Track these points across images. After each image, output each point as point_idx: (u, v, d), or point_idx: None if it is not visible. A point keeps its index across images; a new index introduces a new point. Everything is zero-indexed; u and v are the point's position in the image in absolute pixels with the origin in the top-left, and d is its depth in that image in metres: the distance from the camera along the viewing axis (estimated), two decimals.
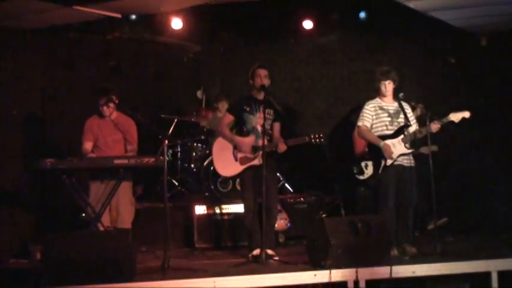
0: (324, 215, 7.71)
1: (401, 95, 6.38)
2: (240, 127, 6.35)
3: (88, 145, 6.45)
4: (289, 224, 7.48)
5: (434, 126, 6.12)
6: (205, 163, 7.94)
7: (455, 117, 6.15)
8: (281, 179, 8.23)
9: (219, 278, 5.17)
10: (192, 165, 8.17)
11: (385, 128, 6.28)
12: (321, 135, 6.00)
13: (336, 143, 9.06)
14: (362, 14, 8.28)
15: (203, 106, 9.41)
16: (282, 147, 6.09)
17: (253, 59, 9.60)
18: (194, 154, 8.21)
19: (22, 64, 7.61)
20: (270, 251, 5.94)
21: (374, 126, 6.33)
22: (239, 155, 6.26)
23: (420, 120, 6.41)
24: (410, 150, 6.21)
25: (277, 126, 6.34)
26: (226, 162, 6.31)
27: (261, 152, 6.07)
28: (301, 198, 7.90)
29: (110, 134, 6.47)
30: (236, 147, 6.26)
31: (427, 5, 7.23)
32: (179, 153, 8.17)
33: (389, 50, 8.82)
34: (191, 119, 8.71)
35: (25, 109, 7.65)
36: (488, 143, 8.19)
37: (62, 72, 7.96)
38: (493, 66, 8.20)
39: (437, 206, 6.07)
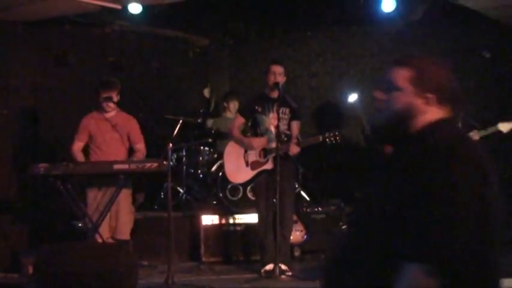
0: (344, 227, 7.59)
1: None
2: (253, 129, 6.40)
3: (78, 145, 6.48)
4: (305, 236, 7.45)
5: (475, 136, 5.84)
6: (213, 168, 7.92)
7: (505, 127, 5.90)
8: (296, 186, 8.03)
9: None
10: (199, 171, 8.13)
11: None
12: (337, 134, 5.95)
13: (358, 146, 9.07)
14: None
15: (211, 106, 9.40)
16: (294, 149, 6.06)
17: (265, 53, 9.61)
18: (201, 158, 8.16)
19: (13, 59, 7.65)
20: (284, 266, 5.93)
21: None
22: (250, 160, 6.29)
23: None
24: None
25: (295, 125, 6.29)
26: (236, 168, 6.36)
27: (272, 156, 6.09)
28: (319, 208, 7.79)
29: (108, 131, 6.49)
30: (247, 150, 6.29)
31: None
32: (184, 158, 8.08)
33: (416, 44, 8.61)
34: (198, 119, 8.61)
35: (16, 108, 7.68)
36: None
37: (56, 68, 7.96)
38: None
39: None
